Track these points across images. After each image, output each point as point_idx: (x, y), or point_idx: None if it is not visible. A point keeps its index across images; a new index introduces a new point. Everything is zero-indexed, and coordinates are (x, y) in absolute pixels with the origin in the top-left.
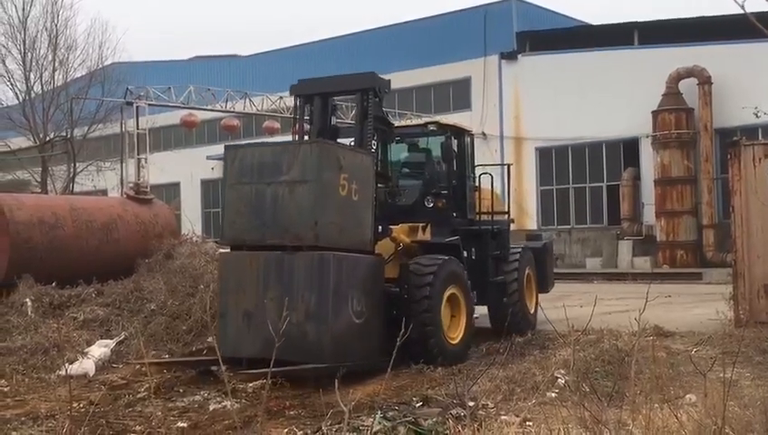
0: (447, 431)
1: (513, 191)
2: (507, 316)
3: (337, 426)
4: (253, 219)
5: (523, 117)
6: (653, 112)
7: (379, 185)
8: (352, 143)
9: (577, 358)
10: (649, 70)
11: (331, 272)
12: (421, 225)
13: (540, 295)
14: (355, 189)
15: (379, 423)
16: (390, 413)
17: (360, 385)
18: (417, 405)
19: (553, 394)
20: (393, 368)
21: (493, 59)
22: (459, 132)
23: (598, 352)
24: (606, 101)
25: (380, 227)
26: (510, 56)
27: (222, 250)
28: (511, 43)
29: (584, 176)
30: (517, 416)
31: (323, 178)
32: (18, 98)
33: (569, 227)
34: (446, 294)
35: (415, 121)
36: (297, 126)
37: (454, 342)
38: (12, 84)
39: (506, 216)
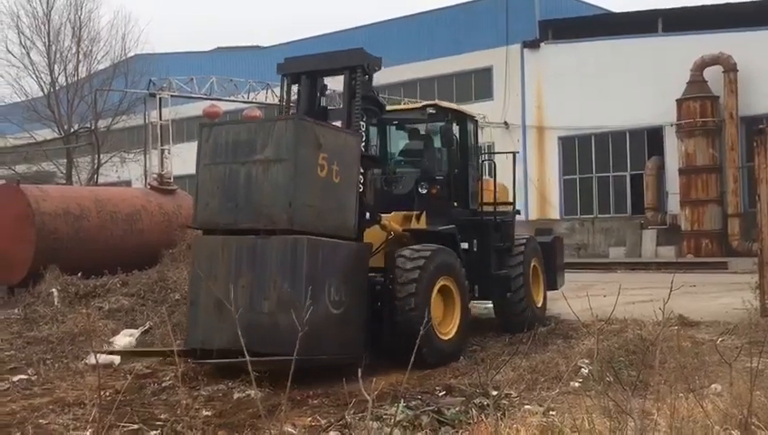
0: (470, 421)
1: (535, 181)
2: (512, 310)
3: (360, 415)
4: (226, 201)
5: (546, 106)
6: (677, 101)
7: (366, 169)
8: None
9: (601, 347)
10: (674, 58)
11: (305, 257)
12: (415, 213)
13: (556, 290)
14: (336, 171)
15: (402, 412)
16: (413, 402)
17: (383, 374)
18: (440, 394)
19: (577, 384)
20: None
21: (515, 48)
22: (462, 117)
23: (622, 341)
24: (630, 89)
25: (368, 214)
26: (532, 45)
27: (195, 234)
28: (533, 32)
29: (607, 165)
30: (540, 405)
31: (299, 157)
32: (43, 90)
33: (592, 216)
34: (438, 285)
35: (413, 104)
36: (283, 108)
37: (446, 338)
38: (37, 77)
39: (512, 206)
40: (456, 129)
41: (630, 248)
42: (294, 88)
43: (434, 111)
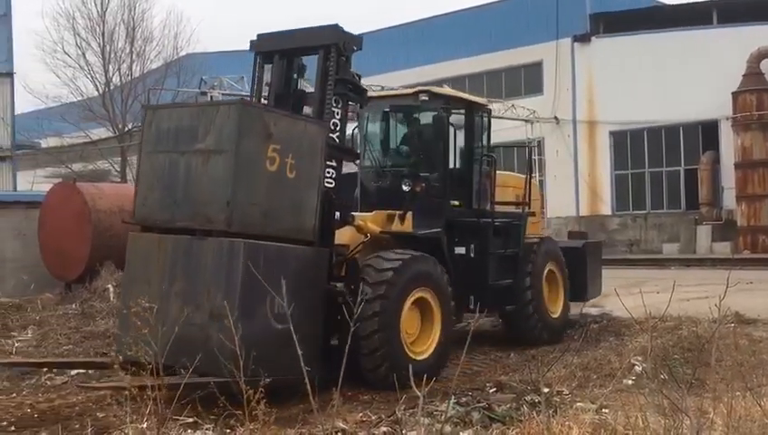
0: (522, 418)
1: (586, 176)
2: (519, 324)
3: (411, 411)
4: (165, 195)
5: (597, 101)
6: (733, 94)
7: (339, 163)
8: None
9: (654, 345)
10: (729, 50)
11: (241, 264)
12: (398, 213)
13: (585, 301)
14: (291, 165)
15: (453, 409)
16: (464, 399)
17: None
18: (491, 391)
19: (630, 381)
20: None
21: (565, 42)
22: (467, 106)
23: (676, 338)
24: (683, 82)
25: (338, 214)
26: (583, 39)
27: (132, 231)
28: (584, 26)
29: (660, 160)
30: (593, 403)
31: (241, 149)
32: (98, 90)
33: (644, 212)
34: (412, 298)
35: (404, 90)
36: (254, 90)
37: (420, 357)
38: (92, 77)
39: (523, 206)
40: (459, 119)
41: (684, 244)
42: (269, 68)
43: (426, 98)
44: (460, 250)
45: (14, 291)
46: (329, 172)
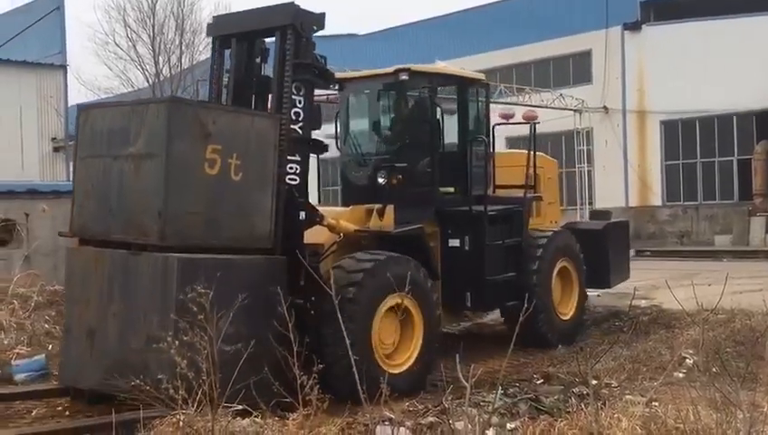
0: (569, 409)
1: (636, 166)
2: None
3: (458, 401)
4: (100, 205)
5: (648, 90)
6: None
7: (303, 157)
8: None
9: (706, 338)
10: None
11: (176, 282)
12: (376, 207)
13: (609, 289)
14: (236, 166)
15: (500, 400)
16: (511, 390)
17: (481, 362)
18: (538, 382)
19: (681, 375)
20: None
21: (615, 30)
22: (456, 82)
23: (729, 331)
24: (737, 70)
25: (303, 213)
26: (633, 27)
27: (70, 244)
28: (634, 13)
29: (713, 150)
30: (643, 396)
31: (174, 152)
32: (148, 81)
33: (696, 203)
34: (386, 305)
35: (384, 69)
36: (213, 79)
37: (398, 370)
38: (142, 68)
39: (526, 190)
40: (453, 97)
41: (737, 236)
42: (228, 53)
43: (406, 77)
44: (454, 242)
45: None
46: (291, 168)
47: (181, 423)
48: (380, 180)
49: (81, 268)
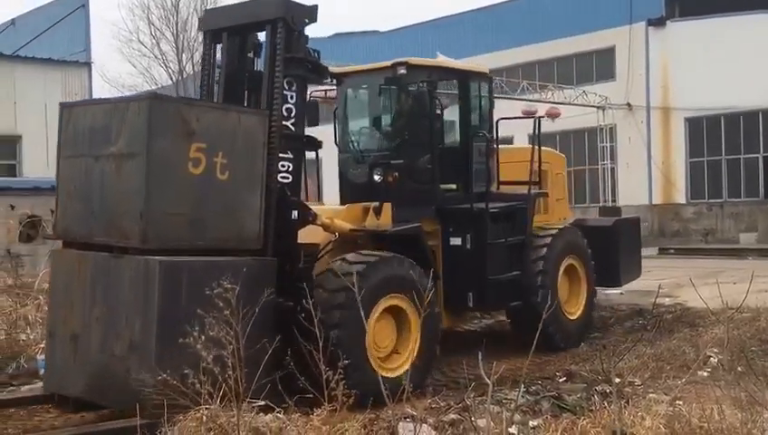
0: (592, 407)
1: (659, 164)
2: (526, 325)
3: (480, 398)
4: (83, 206)
5: (672, 86)
6: None
7: (297, 154)
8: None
9: (731, 336)
10: None
11: (157, 285)
12: (373, 205)
13: (619, 287)
14: (223, 164)
15: (523, 397)
16: (533, 387)
17: (503, 359)
18: (561, 380)
19: (706, 373)
20: None
21: (639, 26)
22: (458, 76)
23: (754, 330)
24: (763, 66)
25: (295, 213)
26: (658, 23)
27: (54, 247)
28: (659, 9)
29: (738, 147)
30: (666, 394)
31: (155, 151)
32: (172, 78)
33: (721, 200)
34: (381, 307)
35: (381, 63)
36: (204, 75)
37: (394, 374)
38: (166, 66)
39: (530, 186)
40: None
41: (763, 234)
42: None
43: (404, 71)
44: (456, 241)
45: None
46: (284, 166)
47: (205, 418)
48: (376, 177)
49: (64, 271)
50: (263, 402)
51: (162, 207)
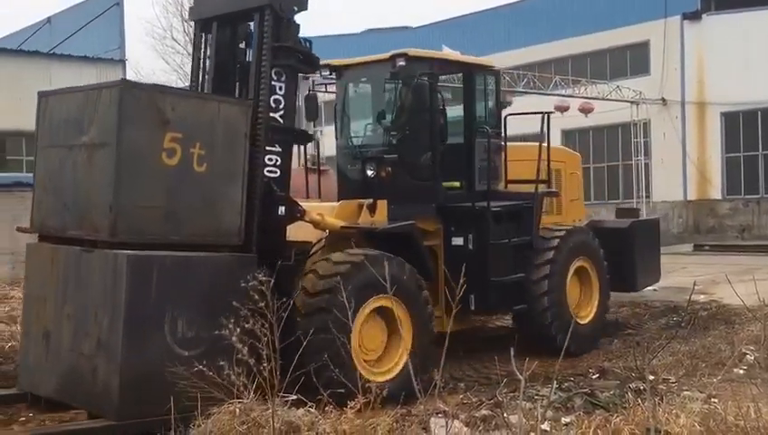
0: (626, 405)
1: (695, 159)
2: (532, 328)
3: (512, 395)
4: (57, 199)
5: (707, 81)
6: None
7: (285, 147)
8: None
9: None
10: None
11: (125, 280)
12: (366, 202)
13: (635, 292)
14: (200, 155)
15: (555, 394)
16: (566, 384)
17: (535, 355)
18: (594, 377)
19: (741, 371)
20: None
21: (674, 20)
22: (461, 69)
23: None
24: None
25: (282, 208)
26: (693, 16)
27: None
28: (694, 3)
29: None
30: (701, 392)
31: (126, 140)
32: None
33: (758, 196)
34: (368, 308)
35: (380, 55)
36: (194, 65)
37: (384, 377)
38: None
39: (537, 184)
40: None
41: None
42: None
43: (403, 63)
44: (458, 241)
45: None
46: (270, 160)
47: (238, 412)
48: (369, 172)
49: (38, 266)
50: (294, 396)
51: (133, 199)
